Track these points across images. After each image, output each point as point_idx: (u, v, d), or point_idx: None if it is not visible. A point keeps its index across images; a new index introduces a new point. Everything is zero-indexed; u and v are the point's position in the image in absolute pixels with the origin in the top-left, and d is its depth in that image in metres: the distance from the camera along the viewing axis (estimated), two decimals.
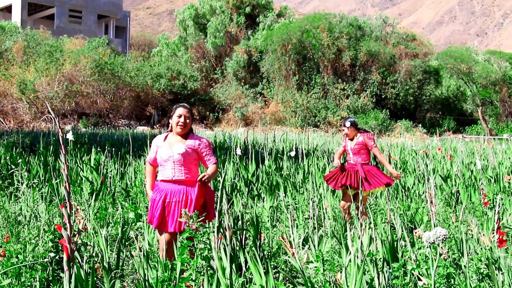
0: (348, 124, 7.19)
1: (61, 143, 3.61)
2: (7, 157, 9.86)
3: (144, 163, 9.79)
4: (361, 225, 4.68)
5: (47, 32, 36.51)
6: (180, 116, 4.65)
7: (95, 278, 4.05)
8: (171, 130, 4.79)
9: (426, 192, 5.67)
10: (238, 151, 10.22)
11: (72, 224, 3.64)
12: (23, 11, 44.04)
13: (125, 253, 5.09)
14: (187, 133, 4.75)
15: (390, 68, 35.35)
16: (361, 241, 4.21)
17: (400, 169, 11.53)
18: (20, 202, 7.05)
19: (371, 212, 5.54)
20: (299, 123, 32.44)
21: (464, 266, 4.19)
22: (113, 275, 4.35)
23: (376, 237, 4.67)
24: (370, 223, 5.47)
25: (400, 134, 28.92)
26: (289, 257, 5.00)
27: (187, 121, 4.66)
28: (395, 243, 4.53)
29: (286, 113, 33.70)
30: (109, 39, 41.72)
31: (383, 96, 35.02)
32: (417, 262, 4.18)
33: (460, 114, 39.26)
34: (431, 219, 4.52)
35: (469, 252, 4.61)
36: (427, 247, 3.08)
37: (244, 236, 4.67)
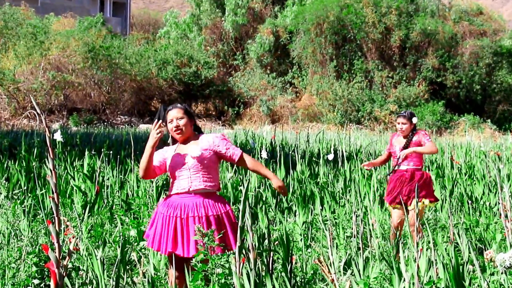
0: (415, 120, 7.01)
1: (48, 145, 3.62)
2: None
3: None
4: (417, 244, 4.63)
5: (30, 10, 36.84)
6: (171, 121, 4.67)
7: None
8: (175, 141, 4.83)
9: (499, 203, 5.58)
10: (264, 154, 10.21)
11: (61, 244, 3.66)
12: None
13: (125, 280, 5.11)
14: (195, 135, 4.77)
15: (450, 50, 34.97)
16: (418, 265, 4.16)
17: (465, 175, 11.41)
18: None
19: (429, 229, 5.47)
20: (339, 119, 32.32)
21: None
22: None
23: (436, 260, 4.61)
24: (429, 242, 5.40)
25: (465, 131, 28.63)
26: (327, 284, 4.97)
27: (181, 122, 4.66)
28: (461, 267, 4.47)
29: (322, 107, 33.60)
30: (105, 18, 42.08)
31: (442, 84, 34.66)
32: None
33: None
34: (507, 238, 4.45)
35: None
36: (501, 273, 3.03)
37: (271, 258, 4.65)
